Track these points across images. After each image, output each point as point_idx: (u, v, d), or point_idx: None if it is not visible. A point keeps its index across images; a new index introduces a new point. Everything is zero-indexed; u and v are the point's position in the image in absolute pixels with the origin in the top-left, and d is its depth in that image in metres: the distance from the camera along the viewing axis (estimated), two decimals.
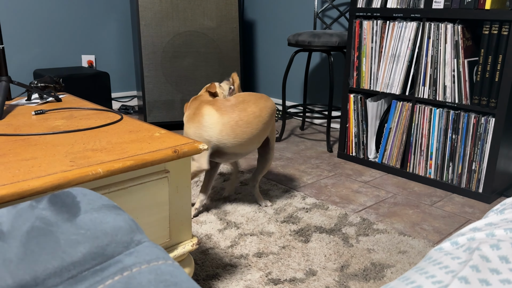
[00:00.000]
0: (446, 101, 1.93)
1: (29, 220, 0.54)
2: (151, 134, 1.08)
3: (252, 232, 1.53)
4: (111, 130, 1.11)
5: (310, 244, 1.46)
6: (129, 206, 0.94)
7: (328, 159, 2.39)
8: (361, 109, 2.27)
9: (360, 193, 1.94)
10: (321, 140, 2.74)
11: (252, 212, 1.68)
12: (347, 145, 2.37)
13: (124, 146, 0.98)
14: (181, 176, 1.04)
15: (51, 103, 1.39)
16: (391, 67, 2.11)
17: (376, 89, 2.19)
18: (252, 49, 3.57)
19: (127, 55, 3.38)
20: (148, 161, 0.93)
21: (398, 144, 2.14)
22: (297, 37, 2.49)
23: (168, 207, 1.02)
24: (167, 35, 2.68)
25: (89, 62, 3.17)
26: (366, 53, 2.20)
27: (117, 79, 3.37)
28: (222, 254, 1.38)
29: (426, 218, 1.72)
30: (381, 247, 1.46)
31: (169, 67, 2.72)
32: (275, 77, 3.43)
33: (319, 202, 1.80)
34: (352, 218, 1.67)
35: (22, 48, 2.86)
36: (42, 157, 0.90)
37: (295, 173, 2.15)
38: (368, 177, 2.14)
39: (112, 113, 1.28)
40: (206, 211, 1.68)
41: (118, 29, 3.28)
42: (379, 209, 1.78)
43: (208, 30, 2.76)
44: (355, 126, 2.31)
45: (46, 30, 2.94)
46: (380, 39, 2.14)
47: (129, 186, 0.93)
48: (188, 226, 1.09)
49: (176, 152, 0.98)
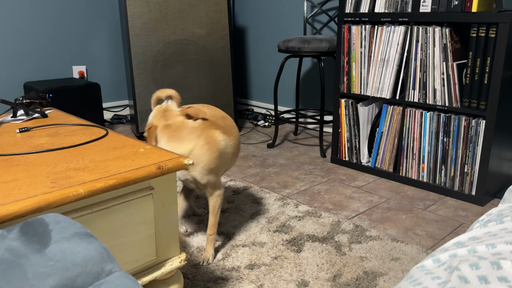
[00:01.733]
0: (436, 104, 1.92)
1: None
2: (135, 150, 1.07)
3: (244, 243, 1.52)
4: (95, 147, 1.10)
5: (303, 254, 1.45)
6: (113, 225, 0.93)
7: (321, 164, 2.39)
8: (353, 114, 2.26)
9: (353, 199, 1.93)
10: (314, 145, 2.73)
11: (244, 222, 1.67)
12: (340, 150, 2.36)
13: (107, 164, 0.97)
14: (166, 192, 1.03)
15: (37, 119, 1.38)
16: (380, 72, 2.10)
17: (366, 94, 2.18)
18: (243, 56, 3.57)
19: (119, 65, 3.38)
20: (131, 179, 0.92)
21: (390, 148, 2.13)
22: (287, 43, 2.49)
23: (154, 224, 1.01)
24: (157, 44, 2.67)
25: (80, 73, 3.16)
26: (356, 58, 2.20)
27: (109, 89, 3.36)
28: (213, 267, 1.37)
29: (419, 223, 1.71)
30: (373, 255, 1.45)
31: (160, 76, 2.71)
32: (267, 83, 3.43)
33: (312, 210, 1.79)
34: (345, 225, 1.66)
35: (12, 61, 2.85)
36: (23, 179, 0.89)
37: (288, 180, 2.14)
38: (361, 182, 2.13)
39: (98, 129, 1.27)
40: (198, 223, 1.66)
41: (108, 39, 3.27)
42: (372, 215, 1.78)
43: (199, 38, 2.76)
44: (347, 131, 2.30)
45: (36, 42, 2.93)
46: (369, 44, 2.13)
47: (112, 205, 0.92)
48: (176, 242, 1.08)
49: (160, 168, 0.97)
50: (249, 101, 3.60)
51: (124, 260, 0.96)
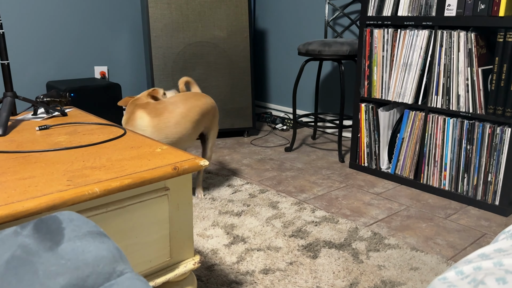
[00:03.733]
0: (460, 111, 1.87)
1: (10, 249, 0.52)
2: (152, 150, 1.07)
3: (259, 247, 1.50)
4: (112, 146, 1.10)
5: (319, 260, 1.42)
6: (128, 225, 0.92)
7: (339, 169, 2.35)
8: (373, 119, 2.22)
9: (372, 206, 1.89)
10: (333, 150, 2.70)
11: (260, 226, 1.65)
12: (359, 155, 2.32)
13: (124, 163, 0.97)
14: (182, 193, 1.02)
15: (57, 117, 1.40)
16: (403, 76, 2.06)
17: (387, 99, 2.14)
18: (263, 58, 3.56)
19: (140, 66, 3.41)
20: (146, 179, 0.91)
21: (411, 154, 2.08)
22: (307, 46, 2.47)
23: (169, 225, 1.00)
24: (177, 46, 2.68)
25: (102, 73, 3.19)
26: (377, 62, 2.16)
27: (130, 90, 3.39)
28: (227, 271, 1.35)
29: (440, 232, 1.66)
30: (392, 264, 1.41)
31: (179, 78, 2.72)
32: (286, 86, 3.41)
33: (329, 215, 1.76)
34: (362, 232, 1.62)
35: (36, 61, 2.90)
36: (39, 176, 0.89)
37: (306, 184, 2.12)
38: (380, 188, 2.09)
39: (116, 128, 1.27)
40: (213, 225, 1.65)
41: (130, 39, 3.31)
42: (391, 223, 1.73)
43: (219, 40, 2.76)
44: (367, 136, 2.26)
45: (59, 42, 2.98)
46: (391, 48, 2.09)
47: (127, 205, 0.92)
48: (190, 244, 1.07)
49: (176, 169, 0.96)
50: (268, 104, 3.59)
51: (137, 261, 0.96)
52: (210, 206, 1.82)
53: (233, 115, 2.86)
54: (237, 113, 2.87)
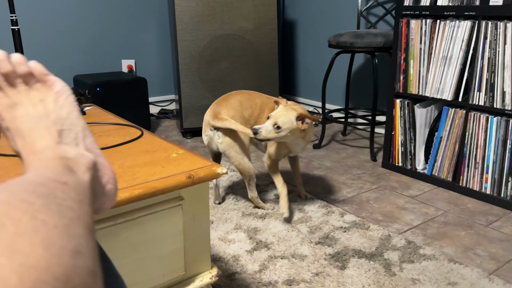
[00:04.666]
0: (505, 109, 1.71)
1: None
2: (167, 155, 0.99)
3: (283, 254, 1.41)
4: (127, 149, 1.04)
5: (347, 272, 1.32)
6: (138, 238, 0.86)
7: (371, 169, 2.23)
8: (409, 116, 2.08)
9: (406, 210, 1.77)
10: (364, 147, 2.57)
11: (285, 230, 1.56)
12: (393, 154, 2.19)
13: (136, 170, 0.90)
14: (198, 203, 0.95)
15: None
16: (442, 71, 1.91)
17: (425, 94, 2.00)
18: (292, 51, 3.44)
19: (167, 59, 3.36)
20: (158, 189, 0.84)
21: (450, 155, 1.94)
22: (338, 38, 2.34)
23: (183, 237, 0.93)
24: (203, 39, 2.61)
25: (129, 66, 3.17)
26: (414, 55, 2.01)
27: (157, 83, 3.36)
28: (249, 280, 1.28)
29: (481, 242, 1.53)
30: (427, 277, 1.30)
31: (205, 72, 2.65)
32: (316, 79, 3.28)
33: (359, 220, 1.65)
34: (396, 240, 1.51)
35: (63, 54, 2.90)
36: None
37: (334, 185, 2.01)
38: (415, 191, 1.96)
39: (133, 129, 1.21)
40: (236, 229, 1.58)
41: (157, 33, 3.26)
42: (427, 230, 1.61)
43: (246, 32, 2.66)
44: (402, 134, 2.13)
45: (86, 36, 2.97)
46: (429, 40, 1.94)
47: (138, 217, 0.85)
48: (207, 257, 1.00)
49: (191, 177, 0.88)
50: (296, 98, 3.47)
51: (149, 276, 0.89)
52: (234, 207, 1.75)
53: None
54: None
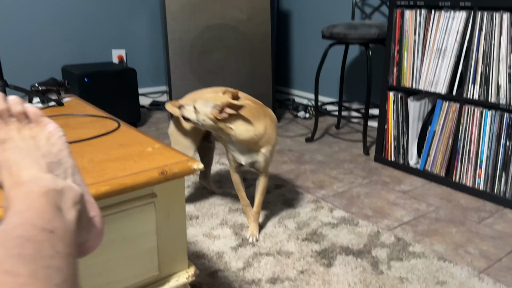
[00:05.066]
0: (499, 103, 1.67)
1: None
2: (142, 149, 0.95)
3: (268, 251, 1.37)
4: (100, 143, 0.99)
5: (333, 269, 1.29)
6: (107, 238, 0.81)
7: (363, 163, 2.18)
8: (402, 109, 2.03)
9: (397, 206, 1.73)
10: (357, 141, 2.52)
11: (272, 226, 1.52)
12: (385, 149, 2.15)
13: (106, 165, 0.85)
14: (172, 200, 0.90)
15: (53, 107, 1.30)
16: (436, 63, 1.86)
17: (418, 87, 1.95)
18: (286, 42, 3.38)
19: (158, 49, 3.30)
20: (127, 186, 0.79)
21: (443, 149, 1.90)
22: (331, 29, 2.28)
23: (156, 237, 0.88)
24: (195, 29, 2.55)
25: (120, 57, 3.11)
26: (408, 47, 1.96)
27: (149, 74, 3.30)
28: (232, 278, 1.24)
29: (472, 239, 1.49)
30: (416, 276, 1.26)
31: (197, 63, 2.60)
32: (310, 71, 3.23)
33: (349, 216, 1.61)
34: (385, 237, 1.47)
35: (52, 44, 2.84)
36: None
37: (325, 180, 1.97)
38: (407, 185, 1.92)
39: (111, 121, 1.16)
40: (221, 224, 1.54)
41: (148, 22, 3.20)
42: (418, 226, 1.57)
43: (238, 22, 2.61)
44: (395, 128, 2.08)
45: (75, 24, 2.90)
46: (424, 31, 1.89)
47: (106, 215, 0.80)
48: (183, 256, 0.95)
49: (164, 173, 0.84)
50: (291, 90, 3.42)
51: (120, 276, 0.85)
52: (220, 202, 1.71)
53: None
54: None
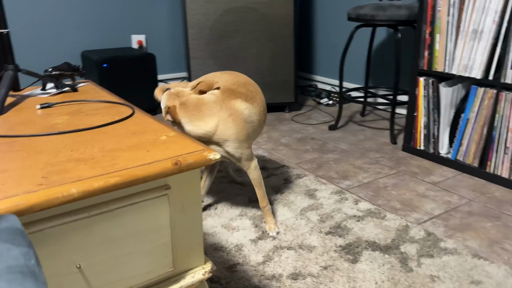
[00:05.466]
0: None
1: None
2: (156, 138, 0.89)
3: (289, 244, 1.31)
4: (113, 130, 0.93)
5: (359, 266, 1.21)
6: (117, 232, 0.76)
7: (390, 152, 2.08)
8: (433, 96, 1.92)
9: (427, 198, 1.63)
10: (384, 129, 2.42)
11: (293, 218, 1.45)
12: (414, 137, 2.04)
13: (117, 155, 0.79)
14: (187, 192, 0.84)
15: (66, 93, 1.25)
16: (471, 46, 1.73)
17: (451, 72, 1.83)
18: (309, 25, 3.26)
19: (178, 34, 3.24)
20: (139, 178, 0.73)
21: (477, 138, 1.78)
22: (358, 10, 2.17)
23: (170, 231, 0.83)
24: (214, 13, 2.47)
25: (139, 42, 3.06)
26: (441, 29, 1.83)
27: (168, 60, 3.24)
28: (251, 273, 1.18)
29: (509, 235, 1.39)
30: (448, 274, 1.18)
31: (216, 47, 2.52)
32: (334, 56, 3.11)
33: (375, 209, 1.52)
34: (414, 231, 1.38)
35: (71, 29, 2.80)
36: (14, 170, 0.74)
37: (349, 170, 1.88)
38: (438, 177, 1.81)
39: (125, 108, 1.10)
40: (241, 216, 1.48)
41: (169, 6, 3.13)
42: (449, 220, 1.48)
43: (260, 5, 2.51)
44: (425, 115, 1.97)
45: (95, 10, 2.86)
46: (458, 12, 1.76)
47: (115, 208, 0.75)
48: (199, 251, 0.90)
49: (178, 164, 0.78)
50: (313, 76, 3.31)
51: (131, 273, 0.80)
52: (240, 192, 1.64)
53: (273, 89, 2.63)
54: (278, 86, 2.64)
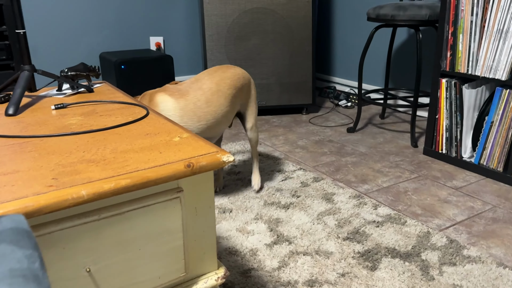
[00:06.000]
0: None
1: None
2: (169, 139, 0.87)
3: (306, 250, 1.27)
4: (126, 131, 0.92)
5: (378, 273, 1.17)
6: (128, 235, 0.74)
7: (411, 156, 2.03)
8: (456, 98, 1.86)
9: (449, 203, 1.58)
10: (404, 132, 2.36)
11: (310, 223, 1.42)
12: (436, 140, 1.98)
13: (129, 156, 0.78)
14: (200, 194, 0.82)
15: (82, 94, 1.25)
16: (496, 46, 1.67)
17: (475, 73, 1.76)
18: (328, 26, 3.22)
19: (196, 36, 3.24)
20: (150, 180, 0.71)
21: (501, 142, 1.71)
22: (378, 10, 2.12)
23: (182, 234, 0.80)
24: (231, 14, 2.45)
25: (157, 44, 3.07)
26: (464, 29, 1.78)
27: (186, 61, 3.25)
28: (266, 278, 1.15)
29: None
30: (472, 284, 1.12)
31: (233, 49, 2.51)
32: (353, 57, 3.06)
33: (395, 214, 1.48)
34: (436, 238, 1.33)
35: (90, 31, 2.83)
36: (25, 171, 0.73)
37: (369, 173, 1.84)
38: (460, 181, 1.75)
39: (140, 108, 1.09)
40: (256, 219, 1.45)
41: (186, 8, 3.13)
42: (473, 227, 1.42)
43: (277, 6, 2.48)
44: (447, 118, 1.91)
45: (113, 11, 2.88)
46: (482, 11, 1.70)
47: (126, 211, 0.73)
48: (212, 255, 0.87)
49: (190, 166, 0.75)
50: (331, 77, 3.27)
51: (142, 278, 0.78)
52: (255, 195, 1.62)
53: (290, 90, 2.60)
54: (295, 87, 2.61)
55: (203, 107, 1.38)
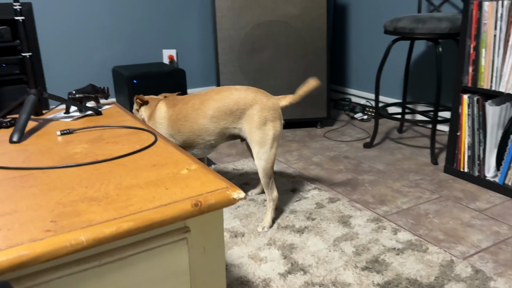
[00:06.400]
0: None
1: None
2: (176, 172, 0.82)
3: (322, 281, 1.20)
4: (132, 162, 0.87)
5: None
6: (130, 281, 0.69)
7: (431, 174, 1.94)
8: (478, 115, 1.78)
9: (473, 228, 1.49)
10: (423, 148, 2.27)
11: (326, 249, 1.35)
12: (458, 158, 1.89)
13: (133, 193, 0.73)
14: (209, 233, 0.77)
15: (90, 117, 1.21)
16: None
17: (499, 89, 1.68)
18: (343, 38, 3.15)
19: (209, 49, 3.20)
20: (155, 222, 0.66)
21: None
22: (396, 23, 2.05)
23: (189, 277, 0.75)
24: (245, 27, 2.41)
25: (170, 57, 3.04)
26: (487, 43, 1.70)
27: (199, 74, 3.21)
28: None
29: None
30: None
31: (246, 62, 2.46)
32: (369, 69, 2.99)
33: (416, 240, 1.40)
34: (460, 268, 1.25)
35: (103, 45, 2.82)
36: (23, 211, 0.68)
37: (387, 193, 1.76)
38: (484, 203, 1.67)
39: (147, 134, 1.05)
40: (269, 245, 1.39)
41: (199, 21, 3.11)
42: (499, 255, 1.34)
43: (291, 18, 2.43)
44: (469, 136, 1.83)
45: (126, 25, 2.87)
46: (507, 25, 1.62)
47: (129, 255, 0.68)
48: None
49: (198, 205, 0.70)
50: (347, 89, 3.20)
51: None
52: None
53: (305, 103, 2.54)
54: (310, 100, 2.55)
55: (182, 120, 1.47)
